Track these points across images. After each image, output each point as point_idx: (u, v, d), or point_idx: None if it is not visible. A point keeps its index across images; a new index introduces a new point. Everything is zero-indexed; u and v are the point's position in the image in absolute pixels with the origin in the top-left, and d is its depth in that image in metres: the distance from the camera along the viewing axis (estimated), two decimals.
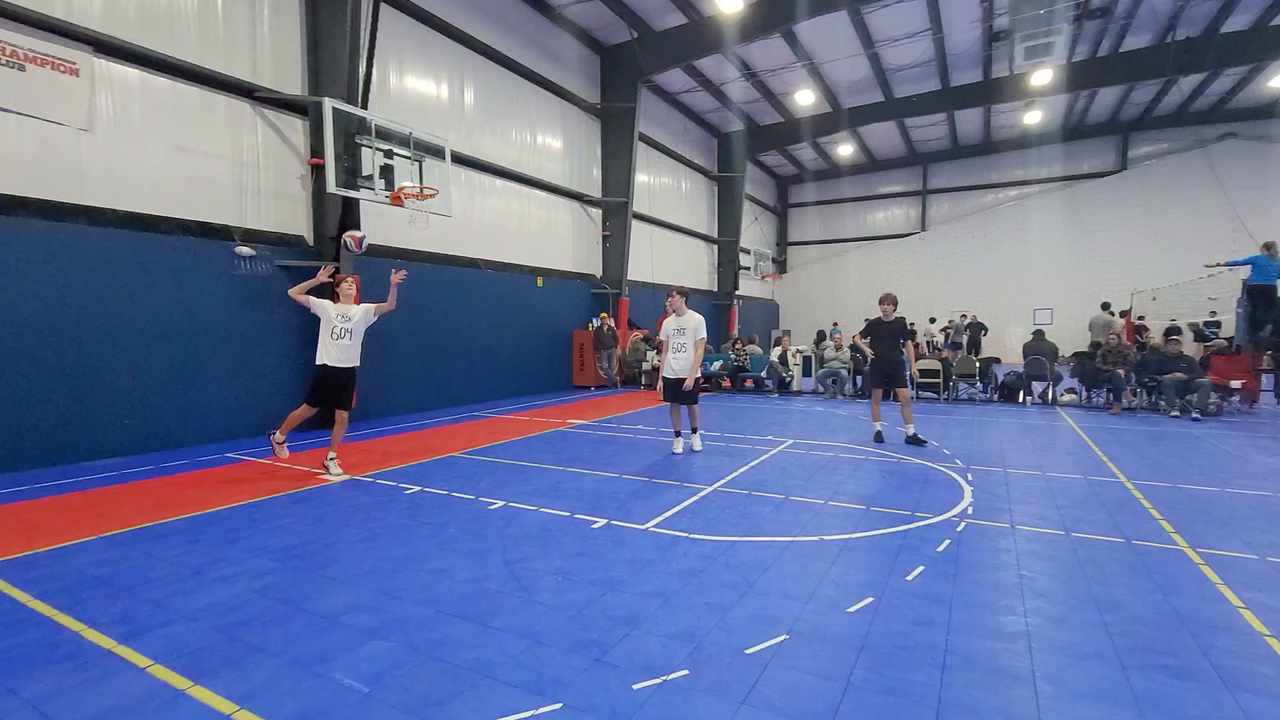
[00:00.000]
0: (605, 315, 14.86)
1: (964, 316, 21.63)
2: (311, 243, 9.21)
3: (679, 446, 7.15)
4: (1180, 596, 3.29)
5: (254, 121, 8.52)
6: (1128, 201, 22.29)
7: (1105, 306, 16.42)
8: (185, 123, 7.77)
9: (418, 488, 5.62)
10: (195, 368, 7.81)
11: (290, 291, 6.13)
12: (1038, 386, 12.21)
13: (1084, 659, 2.66)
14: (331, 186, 8.41)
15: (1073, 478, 5.92)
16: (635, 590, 3.36)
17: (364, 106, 9.19)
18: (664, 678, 2.52)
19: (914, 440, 7.58)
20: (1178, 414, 9.94)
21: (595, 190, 15.62)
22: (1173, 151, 21.84)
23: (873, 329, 7.98)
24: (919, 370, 11.94)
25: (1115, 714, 2.29)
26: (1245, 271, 10.99)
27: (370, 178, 8.92)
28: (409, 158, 9.58)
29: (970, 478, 5.89)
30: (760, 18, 13.00)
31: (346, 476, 6.05)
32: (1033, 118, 20.67)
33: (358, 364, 6.26)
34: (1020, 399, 12.02)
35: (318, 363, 6.07)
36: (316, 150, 8.95)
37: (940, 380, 12.34)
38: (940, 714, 2.29)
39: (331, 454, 6.15)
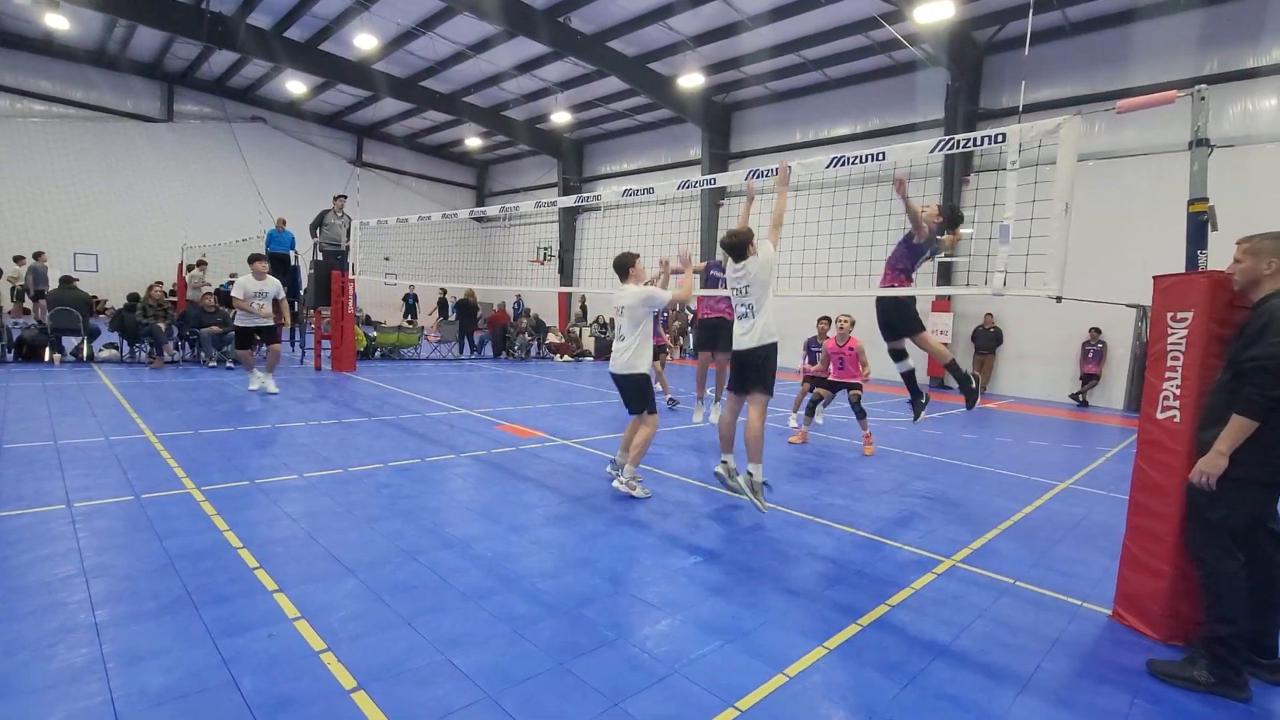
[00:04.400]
0: None
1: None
2: None
3: None
4: (177, 538, 3.55)
5: None
6: (176, 154, 22.31)
7: (203, 262, 15.53)
8: None
9: None
10: None
11: None
12: (70, 343, 10.70)
13: (71, 633, 2.46)
14: None
15: (94, 441, 5.48)
16: None
17: None
18: None
19: None
20: (215, 364, 10.88)
21: None
22: (215, 119, 23.29)
23: None
24: None
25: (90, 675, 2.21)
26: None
27: None
28: None
29: None
30: None
31: None
32: (58, 23, 17.35)
33: None
34: (47, 358, 10.23)
35: None
36: None
37: None
38: None
39: None
